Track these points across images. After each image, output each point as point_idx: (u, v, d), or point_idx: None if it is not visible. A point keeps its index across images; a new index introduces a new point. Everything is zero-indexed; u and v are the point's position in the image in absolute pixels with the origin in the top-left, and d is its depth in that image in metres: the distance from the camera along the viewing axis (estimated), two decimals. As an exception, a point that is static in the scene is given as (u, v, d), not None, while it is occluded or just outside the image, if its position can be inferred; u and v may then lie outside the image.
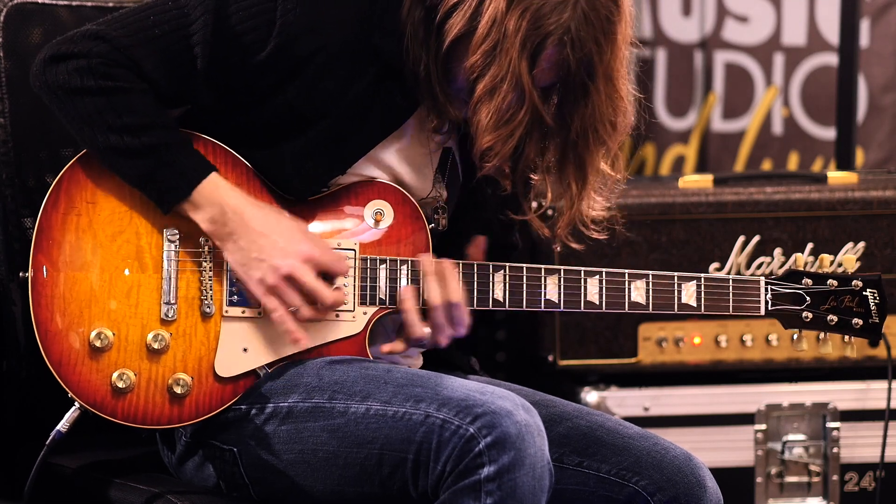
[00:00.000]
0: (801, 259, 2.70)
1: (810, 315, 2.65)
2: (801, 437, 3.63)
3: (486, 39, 2.43)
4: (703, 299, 2.62)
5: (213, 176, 2.51)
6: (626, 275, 2.61)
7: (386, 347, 2.59)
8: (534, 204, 2.67)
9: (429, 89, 2.54)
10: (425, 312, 2.57)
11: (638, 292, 2.62)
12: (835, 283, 2.65)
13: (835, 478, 3.61)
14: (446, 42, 2.48)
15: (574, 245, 2.66)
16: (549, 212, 3.55)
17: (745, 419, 3.61)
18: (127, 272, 2.55)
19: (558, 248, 2.67)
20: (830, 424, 3.62)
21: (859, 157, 4.58)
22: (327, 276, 2.53)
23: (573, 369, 3.61)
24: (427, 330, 2.56)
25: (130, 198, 2.55)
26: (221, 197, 2.51)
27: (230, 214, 2.50)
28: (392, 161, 2.62)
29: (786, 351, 3.62)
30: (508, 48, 2.41)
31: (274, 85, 2.53)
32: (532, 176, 2.60)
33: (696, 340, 3.61)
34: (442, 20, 2.48)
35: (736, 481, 3.58)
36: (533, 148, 2.52)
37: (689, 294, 2.62)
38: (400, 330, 2.60)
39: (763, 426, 3.60)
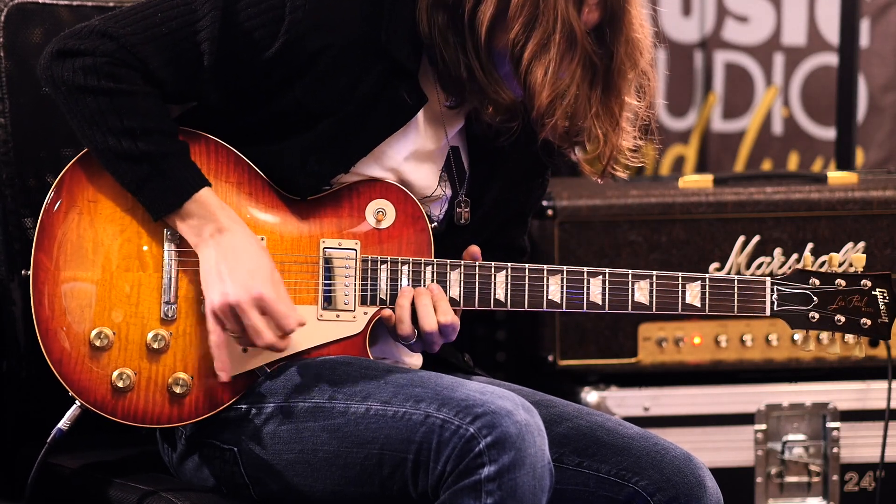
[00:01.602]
0: (809, 259, 2.67)
1: (817, 315, 2.62)
2: (801, 437, 3.62)
3: (525, 4, 2.45)
4: (707, 300, 2.60)
5: (205, 191, 2.51)
6: (630, 275, 2.60)
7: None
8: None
9: (475, 86, 2.54)
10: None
11: (641, 293, 2.60)
12: (843, 282, 2.62)
13: (835, 478, 3.61)
14: (483, 31, 2.49)
15: (621, 174, 2.63)
16: (549, 211, 3.57)
17: (745, 419, 3.61)
18: (128, 271, 2.55)
19: (601, 181, 2.64)
20: (830, 424, 3.62)
21: (859, 157, 4.58)
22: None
23: (573, 369, 3.61)
24: (413, 331, 2.56)
25: (132, 197, 2.55)
26: (209, 213, 2.50)
27: (212, 230, 2.50)
28: (397, 158, 2.62)
29: (786, 351, 3.62)
30: (554, 1, 2.44)
31: (281, 82, 2.53)
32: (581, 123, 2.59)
33: (696, 340, 3.61)
34: (471, 13, 2.49)
35: (736, 481, 3.58)
36: (584, 92, 2.52)
37: (693, 294, 2.61)
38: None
39: (763, 426, 3.60)
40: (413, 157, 2.63)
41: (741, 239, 3.58)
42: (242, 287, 2.46)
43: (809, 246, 3.59)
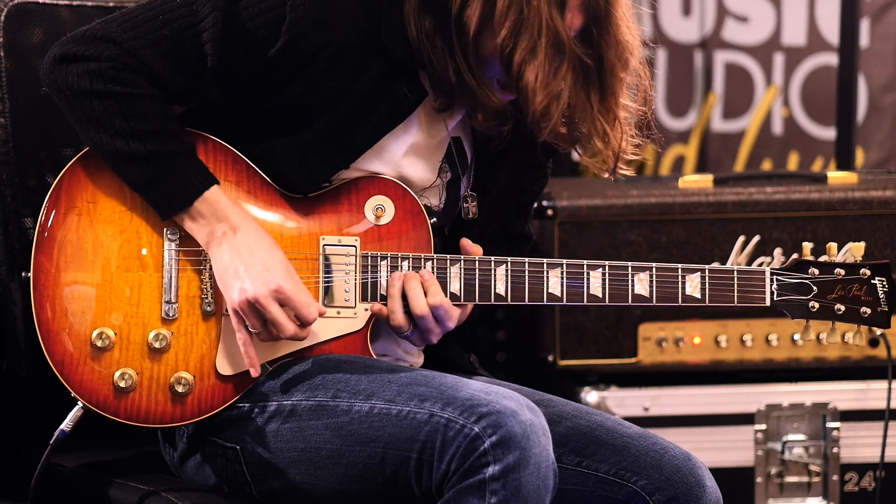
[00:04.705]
0: (808, 248, 2.67)
1: (817, 305, 2.61)
2: (801, 437, 3.62)
3: (510, 9, 2.45)
4: (707, 291, 2.60)
5: (215, 189, 2.52)
6: (630, 267, 2.60)
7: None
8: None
9: (465, 90, 2.54)
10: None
11: (641, 284, 2.60)
12: (842, 271, 2.62)
13: (835, 478, 3.61)
14: (471, 35, 2.49)
15: (629, 172, 2.62)
16: (549, 211, 3.57)
17: (745, 419, 3.60)
18: (128, 271, 2.55)
19: (613, 179, 2.63)
20: (830, 424, 3.61)
21: (859, 157, 4.59)
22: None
23: (573, 369, 3.60)
24: (407, 321, 2.56)
25: (131, 197, 2.55)
26: (220, 211, 2.51)
27: (224, 228, 2.50)
28: (397, 154, 2.62)
29: (786, 351, 3.62)
30: (537, 5, 2.44)
31: (282, 80, 2.53)
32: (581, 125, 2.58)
33: (696, 340, 3.61)
34: (457, 17, 2.49)
35: (736, 481, 3.58)
36: (580, 94, 2.52)
37: (693, 286, 2.60)
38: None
39: (763, 426, 3.60)
40: (412, 151, 2.63)
41: (741, 239, 3.58)
42: (261, 281, 2.47)
43: (809, 246, 3.58)
